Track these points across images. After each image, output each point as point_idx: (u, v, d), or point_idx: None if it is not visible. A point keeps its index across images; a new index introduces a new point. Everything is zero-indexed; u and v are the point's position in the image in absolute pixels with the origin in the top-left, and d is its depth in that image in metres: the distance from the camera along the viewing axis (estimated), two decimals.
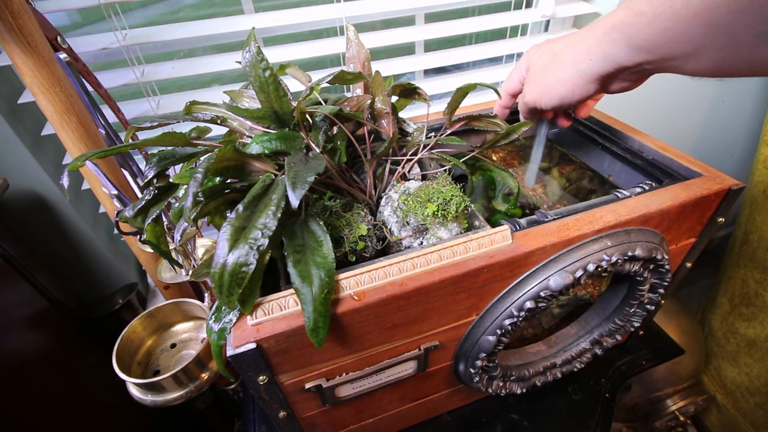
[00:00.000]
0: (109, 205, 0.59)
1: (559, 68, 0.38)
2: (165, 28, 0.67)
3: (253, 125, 0.40)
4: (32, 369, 0.62)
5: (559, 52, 0.38)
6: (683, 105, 1.07)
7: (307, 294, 0.29)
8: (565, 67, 0.37)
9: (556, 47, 0.39)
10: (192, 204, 0.28)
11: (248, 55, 0.34)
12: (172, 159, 0.35)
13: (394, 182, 0.43)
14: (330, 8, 0.71)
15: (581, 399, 0.60)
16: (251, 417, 0.60)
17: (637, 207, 0.40)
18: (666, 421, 1.04)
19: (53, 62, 0.48)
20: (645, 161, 0.50)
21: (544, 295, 0.38)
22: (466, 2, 0.81)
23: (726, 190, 0.41)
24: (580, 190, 0.59)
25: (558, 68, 0.38)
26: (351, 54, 0.46)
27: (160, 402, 0.55)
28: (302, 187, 0.27)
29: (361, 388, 0.42)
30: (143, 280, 0.90)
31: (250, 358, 0.31)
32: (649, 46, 0.30)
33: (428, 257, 0.34)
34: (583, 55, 0.35)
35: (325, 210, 0.37)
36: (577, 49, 0.36)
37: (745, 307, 1.02)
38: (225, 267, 0.27)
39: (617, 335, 0.52)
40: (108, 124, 0.56)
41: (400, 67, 0.80)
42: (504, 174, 0.48)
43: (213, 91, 0.76)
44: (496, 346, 0.41)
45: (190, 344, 0.64)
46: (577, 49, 0.36)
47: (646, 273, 0.43)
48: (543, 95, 0.40)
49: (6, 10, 0.42)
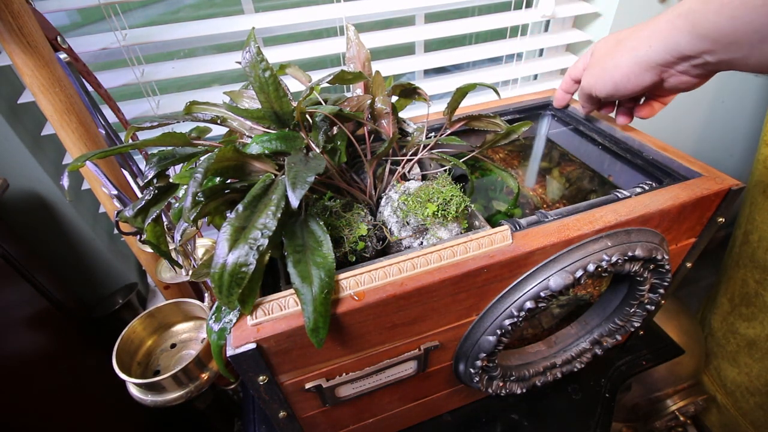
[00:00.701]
0: (109, 205, 0.59)
1: (618, 54, 0.38)
2: (165, 28, 0.67)
3: (253, 125, 0.40)
4: (32, 369, 0.62)
5: (623, 39, 0.38)
6: (683, 105, 1.07)
7: (307, 294, 0.29)
8: (624, 53, 0.37)
9: (622, 35, 0.39)
10: (192, 204, 0.28)
11: (248, 55, 0.34)
12: (172, 159, 0.35)
13: (394, 182, 0.43)
14: (330, 8, 0.71)
15: (581, 399, 0.60)
16: (251, 417, 0.60)
17: (637, 207, 0.40)
18: (666, 421, 1.04)
19: (53, 62, 0.48)
20: (645, 161, 0.50)
21: (544, 295, 0.38)
22: (466, 2, 0.81)
23: (726, 190, 0.41)
24: (580, 190, 0.59)
25: (617, 54, 0.38)
26: (351, 54, 0.46)
27: (160, 402, 0.55)
28: (302, 187, 0.27)
29: (361, 388, 0.42)
30: (143, 280, 0.90)
31: (250, 358, 0.31)
32: (714, 34, 0.30)
33: (428, 257, 0.34)
34: (643, 41, 0.35)
35: (325, 210, 0.37)
36: (639, 36, 0.36)
37: (745, 307, 1.02)
38: (225, 267, 0.27)
39: (617, 335, 0.52)
40: (108, 124, 0.56)
41: (400, 67, 0.80)
42: (504, 174, 0.48)
43: (213, 91, 0.76)
44: (496, 346, 0.41)
45: (190, 344, 0.64)
46: (639, 36, 0.36)
47: (646, 273, 0.43)
48: (599, 81, 0.41)
49: (6, 10, 0.42)
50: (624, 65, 0.38)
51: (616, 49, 0.39)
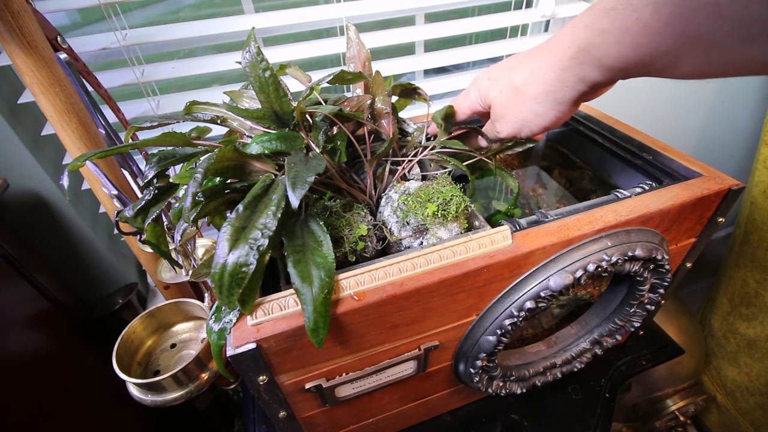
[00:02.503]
0: (109, 205, 0.59)
1: (532, 102, 0.36)
2: (165, 28, 0.67)
3: (253, 125, 0.40)
4: (32, 369, 0.62)
5: (523, 85, 0.35)
6: (683, 105, 1.07)
7: (307, 294, 0.29)
8: (540, 100, 0.35)
9: (516, 80, 0.36)
10: (192, 204, 0.28)
11: (248, 55, 0.34)
12: (172, 159, 0.35)
13: (394, 182, 0.43)
14: (330, 8, 0.71)
15: (581, 399, 0.60)
16: (251, 417, 0.60)
17: (637, 207, 0.40)
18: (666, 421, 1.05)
19: (53, 62, 0.48)
20: (645, 161, 0.50)
21: (544, 295, 0.38)
22: (466, 2, 0.81)
23: (726, 190, 0.41)
24: (580, 190, 0.59)
25: (529, 102, 0.36)
26: (352, 54, 0.46)
27: (160, 402, 0.55)
28: (302, 187, 0.27)
29: (361, 388, 0.42)
30: (143, 280, 0.90)
31: (250, 358, 0.31)
32: (621, 65, 0.28)
33: (428, 257, 0.34)
34: (555, 85, 0.33)
35: (325, 210, 0.37)
36: (544, 79, 0.34)
37: (745, 307, 1.02)
38: (225, 267, 0.27)
39: (617, 335, 0.52)
40: (108, 124, 0.56)
41: (400, 67, 0.80)
42: (504, 174, 0.48)
43: (213, 91, 0.76)
44: (496, 346, 0.41)
45: (190, 344, 0.64)
46: (545, 80, 0.33)
47: (646, 273, 0.43)
48: (523, 129, 0.38)
49: (6, 10, 0.42)
50: (546, 111, 0.35)
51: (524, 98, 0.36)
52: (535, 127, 0.37)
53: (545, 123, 0.36)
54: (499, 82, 0.39)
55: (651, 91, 1.00)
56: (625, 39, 0.26)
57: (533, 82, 0.35)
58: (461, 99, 0.44)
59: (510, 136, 0.40)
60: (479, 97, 0.42)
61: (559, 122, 0.36)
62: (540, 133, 0.39)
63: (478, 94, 0.42)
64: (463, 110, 0.44)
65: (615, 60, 0.28)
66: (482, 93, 0.41)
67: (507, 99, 0.38)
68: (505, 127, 0.40)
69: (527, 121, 0.37)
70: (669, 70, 0.27)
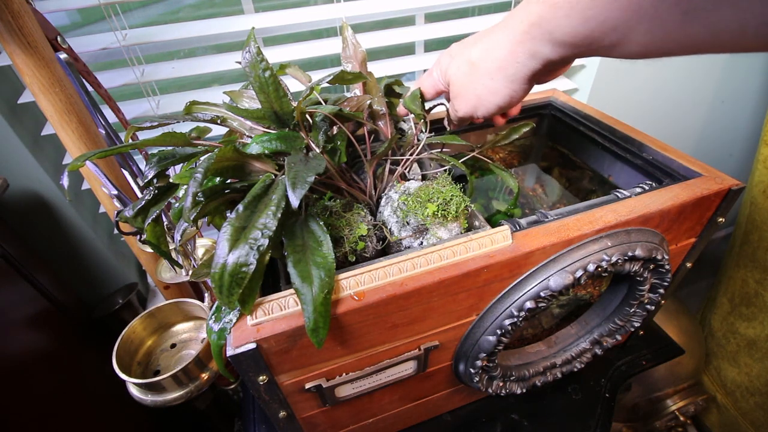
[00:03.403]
0: (109, 205, 0.59)
1: (486, 78, 0.35)
2: (165, 28, 0.67)
3: (253, 125, 0.40)
4: (32, 369, 0.62)
5: (479, 61, 0.35)
6: (683, 105, 1.07)
7: (307, 294, 0.29)
8: (493, 76, 0.35)
9: (473, 55, 0.36)
10: (192, 204, 0.28)
11: (248, 55, 0.34)
12: (172, 159, 0.35)
13: (394, 182, 0.43)
14: (330, 8, 0.71)
15: (581, 399, 0.60)
16: (251, 417, 0.60)
17: (637, 207, 0.40)
18: (666, 421, 1.04)
19: (53, 62, 0.48)
20: (645, 161, 0.50)
21: (544, 295, 0.38)
22: (466, 2, 0.81)
23: (726, 190, 0.41)
24: (580, 190, 0.59)
25: (484, 78, 0.36)
26: (348, 54, 0.46)
27: (160, 402, 0.55)
28: (302, 187, 0.27)
29: (361, 388, 0.42)
30: (143, 280, 0.90)
31: (250, 358, 0.31)
32: (572, 39, 0.28)
33: (428, 257, 0.34)
34: (508, 60, 0.33)
35: (325, 210, 0.37)
36: (497, 55, 0.33)
37: (745, 307, 1.02)
38: (225, 267, 0.27)
39: (617, 335, 0.52)
40: (108, 124, 0.56)
41: (400, 67, 0.80)
42: (504, 174, 0.48)
43: (213, 91, 0.76)
44: (496, 346, 0.41)
45: (190, 344, 0.64)
46: (498, 55, 0.33)
47: (646, 273, 0.43)
48: (479, 107, 0.38)
49: (6, 10, 0.42)
50: (500, 88, 0.35)
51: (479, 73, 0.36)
52: (490, 105, 0.37)
53: (498, 101, 0.36)
54: (458, 58, 0.39)
55: (651, 91, 1.00)
56: (575, 12, 0.26)
57: (487, 57, 0.35)
58: (425, 78, 0.44)
59: (467, 115, 0.40)
60: (441, 75, 0.42)
61: (512, 101, 0.36)
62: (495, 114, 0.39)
63: (439, 72, 0.42)
64: (428, 90, 0.44)
65: (565, 35, 0.28)
66: (443, 70, 0.41)
67: (463, 75, 0.38)
68: (462, 104, 0.40)
69: (481, 97, 0.37)
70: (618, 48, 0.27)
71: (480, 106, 0.38)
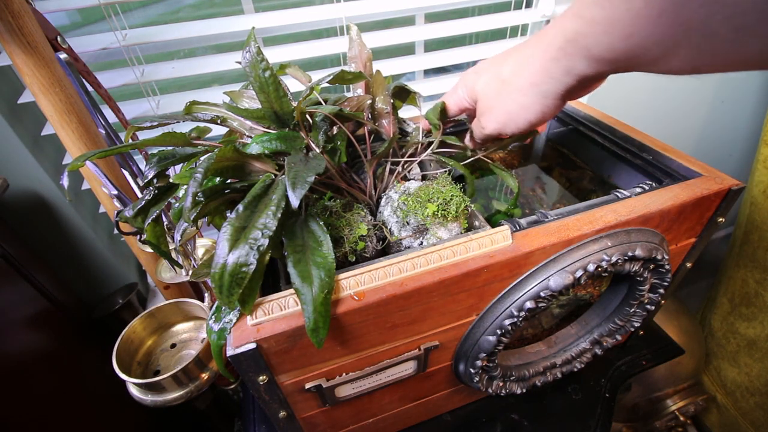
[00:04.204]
0: (109, 205, 0.59)
1: (518, 94, 0.35)
2: (165, 28, 0.67)
3: (253, 125, 0.40)
4: (32, 369, 0.62)
5: (511, 77, 0.35)
6: (683, 105, 1.07)
7: (307, 294, 0.29)
8: (525, 92, 0.34)
9: (504, 72, 0.35)
10: (192, 204, 0.28)
11: (248, 55, 0.34)
12: (172, 159, 0.35)
13: (394, 182, 0.43)
14: (330, 8, 0.71)
15: (581, 399, 0.60)
16: (251, 417, 0.60)
17: (637, 207, 0.40)
18: (666, 421, 1.05)
19: (53, 62, 0.48)
20: (645, 161, 0.50)
21: (544, 295, 0.38)
22: (466, 2, 0.81)
23: (726, 190, 0.41)
24: (580, 190, 0.59)
25: (515, 94, 0.35)
26: (353, 54, 0.46)
27: (160, 402, 0.55)
28: (302, 187, 0.27)
29: (361, 388, 0.42)
30: (143, 280, 0.90)
31: (250, 358, 0.31)
32: (610, 56, 0.27)
33: (428, 257, 0.34)
34: (541, 76, 0.32)
35: (325, 210, 0.37)
36: (531, 70, 0.32)
37: (745, 307, 1.02)
38: (225, 267, 0.27)
39: (617, 335, 0.52)
40: (108, 124, 0.56)
41: (400, 67, 0.80)
42: (504, 174, 0.48)
43: (213, 91, 0.76)
44: (496, 346, 0.41)
45: (190, 344, 0.64)
46: (532, 71, 0.32)
47: (646, 273, 0.43)
48: (508, 124, 0.37)
49: (6, 10, 0.42)
50: (532, 104, 0.34)
51: (510, 90, 0.35)
52: (521, 122, 0.36)
53: (531, 117, 0.35)
54: (485, 74, 0.38)
55: (651, 91, 1.00)
56: (616, 29, 0.25)
57: (520, 73, 0.34)
58: (449, 96, 0.43)
59: (495, 132, 0.39)
60: (466, 93, 0.41)
61: (545, 117, 0.35)
62: (525, 131, 0.38)
63: (465, 90, 0.41)
64: (450, 107, 0.43)
65: (604, 51, 0.27)
66: (469, 87, 0.40)
67: (493, 91, 0.37)
68: (490, 121, 0.39)
69: (512, 114, 0.36)
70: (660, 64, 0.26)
71: (510, 123, 0.37)
